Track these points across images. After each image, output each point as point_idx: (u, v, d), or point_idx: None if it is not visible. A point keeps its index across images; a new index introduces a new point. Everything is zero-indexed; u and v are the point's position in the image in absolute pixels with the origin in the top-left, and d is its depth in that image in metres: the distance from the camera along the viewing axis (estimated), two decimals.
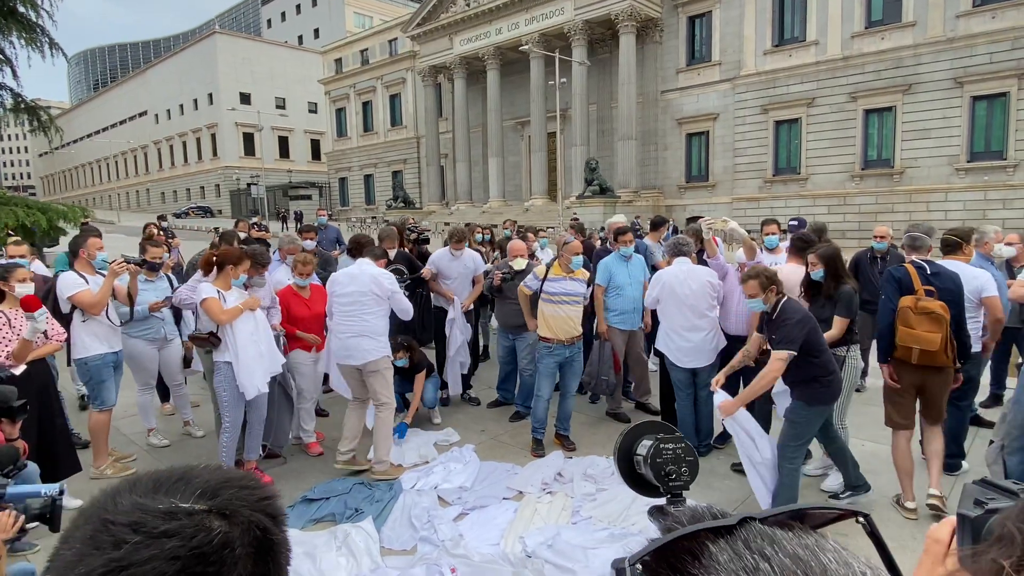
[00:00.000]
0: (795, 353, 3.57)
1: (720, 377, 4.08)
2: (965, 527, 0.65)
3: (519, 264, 5.72)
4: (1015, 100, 19.70)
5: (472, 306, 6.31)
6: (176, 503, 0.50)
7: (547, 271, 5.12)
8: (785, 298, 3.74)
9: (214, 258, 4.39)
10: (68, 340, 4.36)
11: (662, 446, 0.68)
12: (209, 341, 4.35)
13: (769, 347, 3.78)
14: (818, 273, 4.16)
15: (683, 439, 0.70)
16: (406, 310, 4.75)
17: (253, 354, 4.30)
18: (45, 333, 3.85)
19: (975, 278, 4.29)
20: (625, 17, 26.18)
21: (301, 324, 5.07)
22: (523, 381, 5.90)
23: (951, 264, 4.23)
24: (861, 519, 0.48)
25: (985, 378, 5.43)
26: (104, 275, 4.45)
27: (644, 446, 0.71)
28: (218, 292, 4.25)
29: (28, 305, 3.62)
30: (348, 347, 4.55)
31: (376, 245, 5.21)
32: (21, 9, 9.34)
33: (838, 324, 4.10)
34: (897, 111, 22.03)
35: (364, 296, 4.52)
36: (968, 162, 20.75)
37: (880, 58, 22.15)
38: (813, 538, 0.38)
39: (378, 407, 4.67)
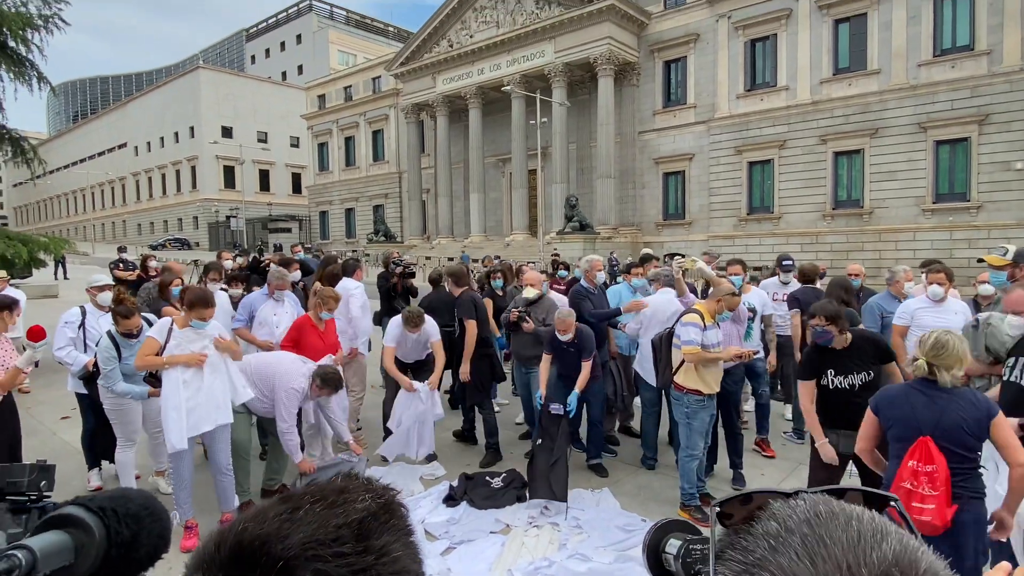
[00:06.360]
0: None
1: None
2: None
3: (530, 293, 5.77)
4: (976, 145, 20.63)
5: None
6: None
7: (702, 320, 4.46)
8: None
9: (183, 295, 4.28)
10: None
11: (691, 547, 0.74)
12: (150, 382, 4.23)
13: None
14: None
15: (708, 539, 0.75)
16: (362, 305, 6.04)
17: (176, 403, 3.94)
18: (37, 363, 3.90)
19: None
20: (603, 61, 27.04)
21: (316, 355, 5.12)
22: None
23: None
24: (892, 503, 0.55)
25: None
26: None
27: (673, 545, 0.74)
28: (170, 330, 4.02)
29: (35, 335, 3.69)
30: None
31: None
32: (11, 44, 9.45)
33: None
34: (865, 154, 22.91)
35: None
36: (934, 203, 21.57)
37: (847, 103, 23.11)
38: (845, 502, 0.51)
39: (349, 392, 5.59)
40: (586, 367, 5.06)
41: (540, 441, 4.84)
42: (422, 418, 5.31)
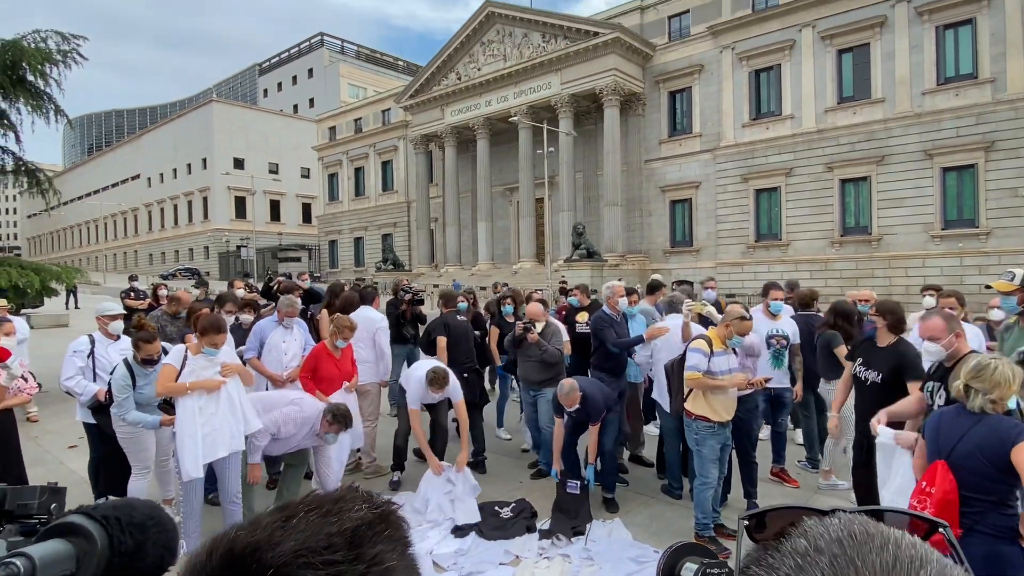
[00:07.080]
0: None
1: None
2: None
3: (539, 327, 5.84)
4: (983, 171, 20.64)
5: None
6: None
7: (710, 346, 4.40)
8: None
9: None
10: None
11: (708, 570, 0.72)
12: (164, 408, 4.21)
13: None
14: None
15: (726, 564, 0.74)
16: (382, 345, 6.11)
17: (191, 431, 3.93)
18: (24, 378, 3.97)
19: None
20: (609, 92, 27.41)
21: (332, 383, 5.12)
22: (544, 438, 5.81)
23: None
24: (941, 529, 0.52)
25: None
26: None
27: (689, 569, 0.73)
28: (184, 358, 4.05)
29: None
30: None
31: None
32: (30, 78, 9.70)
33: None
34: (872, 181, 22.95)
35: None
36: (943, 229, 21.51)
37: (853, 131, 23.25)
38: (885, 525, 0.48)
39: (364, 423, 5.58)
40: (593, 431, 5.04)
41: (558, 513, 4.79)
42: (453, 496, 4.95)
